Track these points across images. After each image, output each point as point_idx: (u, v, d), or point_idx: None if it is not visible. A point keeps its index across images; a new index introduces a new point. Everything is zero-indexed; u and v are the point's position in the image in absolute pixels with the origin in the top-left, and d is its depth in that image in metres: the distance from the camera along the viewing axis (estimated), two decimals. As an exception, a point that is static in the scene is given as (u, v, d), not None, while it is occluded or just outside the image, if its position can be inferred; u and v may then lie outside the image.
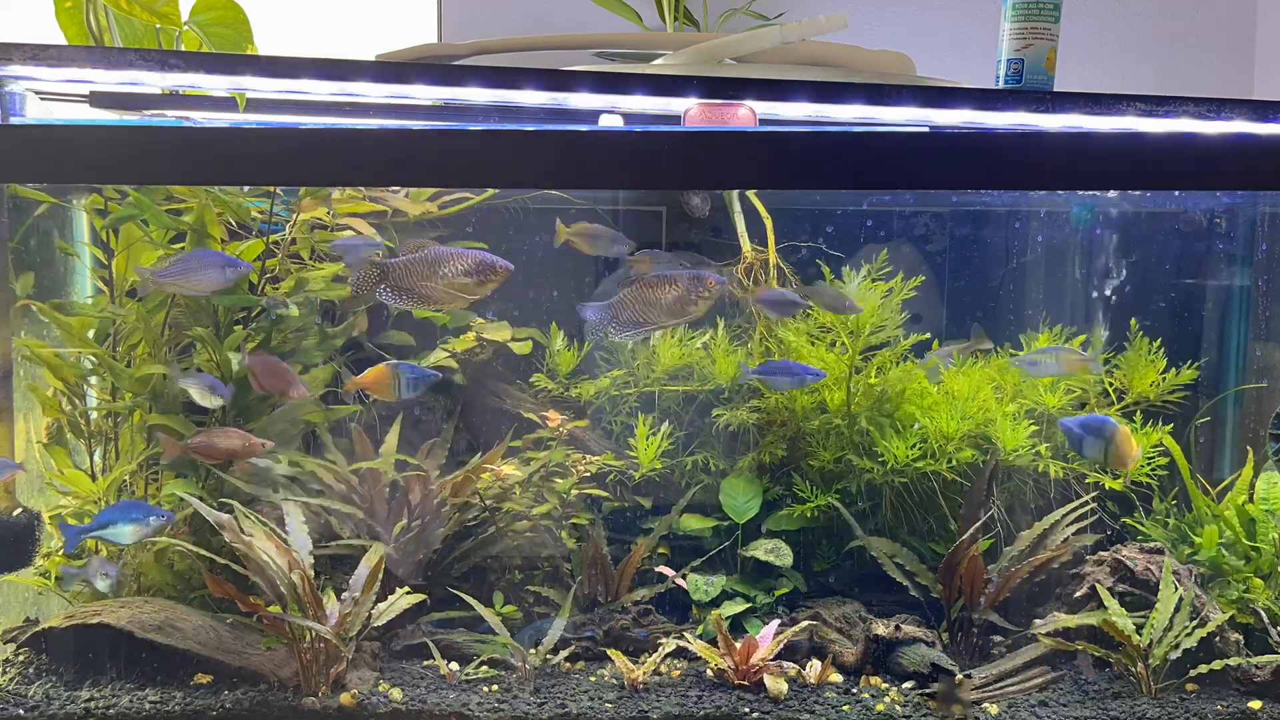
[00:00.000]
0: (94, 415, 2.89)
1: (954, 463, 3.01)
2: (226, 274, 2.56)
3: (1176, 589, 2.73)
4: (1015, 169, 2.13)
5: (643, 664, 2.69)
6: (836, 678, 2.73)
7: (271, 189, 2.86)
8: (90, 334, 2.86)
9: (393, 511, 2.92)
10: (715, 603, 2.93)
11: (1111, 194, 3.23)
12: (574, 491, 3.02)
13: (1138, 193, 3.21)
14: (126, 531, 2.53)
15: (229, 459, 2.70)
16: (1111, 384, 3.15)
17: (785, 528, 3.05)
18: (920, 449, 3.01)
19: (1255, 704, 2.61)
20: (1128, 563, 2.82)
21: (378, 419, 3.03)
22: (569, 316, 3.19)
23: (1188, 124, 2.29)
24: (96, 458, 2.87)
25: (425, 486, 2.92)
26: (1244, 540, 2.87)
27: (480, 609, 2.73)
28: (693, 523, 3.07)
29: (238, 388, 2.84)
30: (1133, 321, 3.16)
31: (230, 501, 2.68)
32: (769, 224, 3.17)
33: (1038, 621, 2.80)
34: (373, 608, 2.63)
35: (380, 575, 2.63)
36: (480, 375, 3.17)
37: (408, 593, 2.71)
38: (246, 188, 2.88)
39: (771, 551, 3.00)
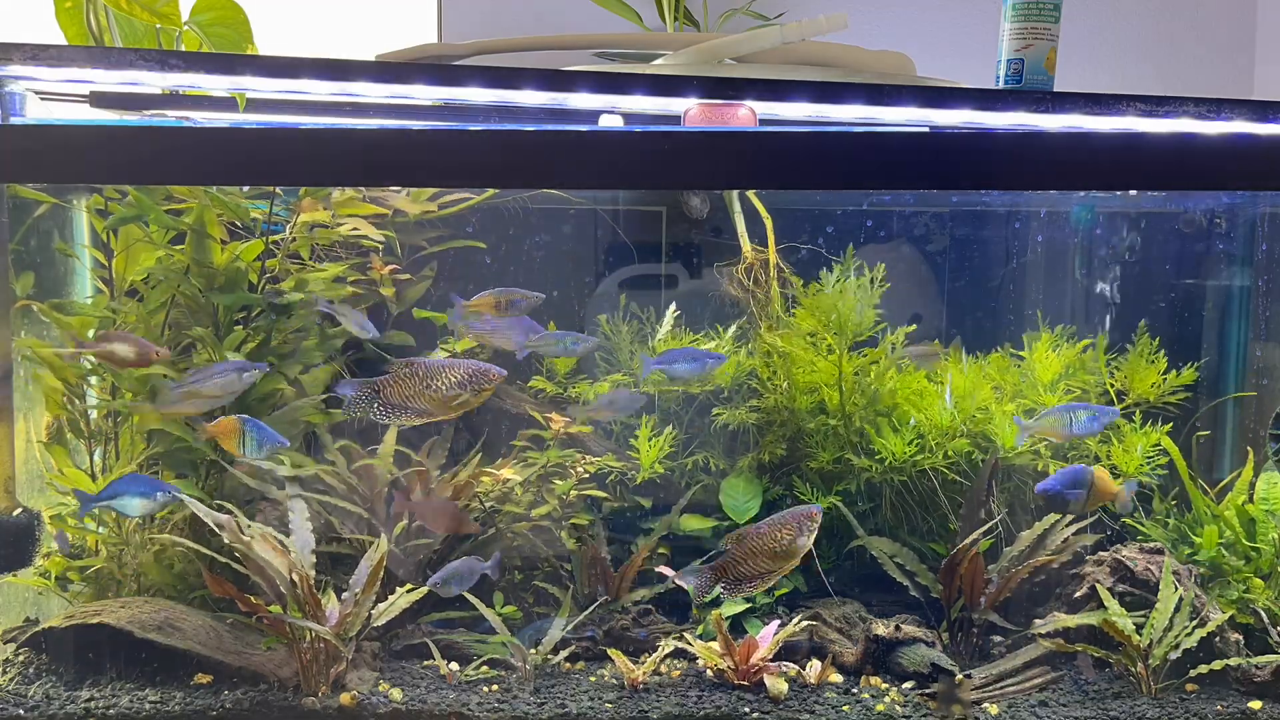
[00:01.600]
0: (94, 415, 2.89)
1: (950, 455, 3.00)
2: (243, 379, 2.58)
3: (1176, 589, 2.73)
4: (1015, 169, 2.13)
5: (643, 664, 2.69)
6: (836, 678, 2.73)
7: (271, 189, 2.86)
8: (90, 334, 2.85)
9: (393, 511, 2.91)
10: (715, 603, 2.92)
11: (1111, 194, 3.23)
12: (574, 493, 3.02)
13: (1138, 193, 3.21)
14: (135, 504, 2.53)
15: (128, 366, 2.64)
16: (1112, 385, 3.15)
17: (785, 528, 3.05)
18: (917, 444, 3.01)
19: (1255, 704, 2.61)
20: (1128, 563, 2.82)
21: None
22: (569, 317, 3.19)
23: (1188, 124, 2.29)
24: (96, 458, 2.87)
25: (426, 486, 2.92)
26: (1244, 540, 2.87)
27: (480, 607, 2.73)
28: (693, 523, 3.07)
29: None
30: (1141, 324, 3.16)
31: (225, 504, 2.68)
32: (769, 224, 3.17)
33: (1038, 622, 2.80)
34: (373, 607, 2.63)
35: (381, 574, 2.62)
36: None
37: (408, 592, 2.71)
38: (246, 188, 2.88)
39: (771, 551, 3.00)
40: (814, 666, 2.72)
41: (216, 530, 2.58)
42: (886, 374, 3.09)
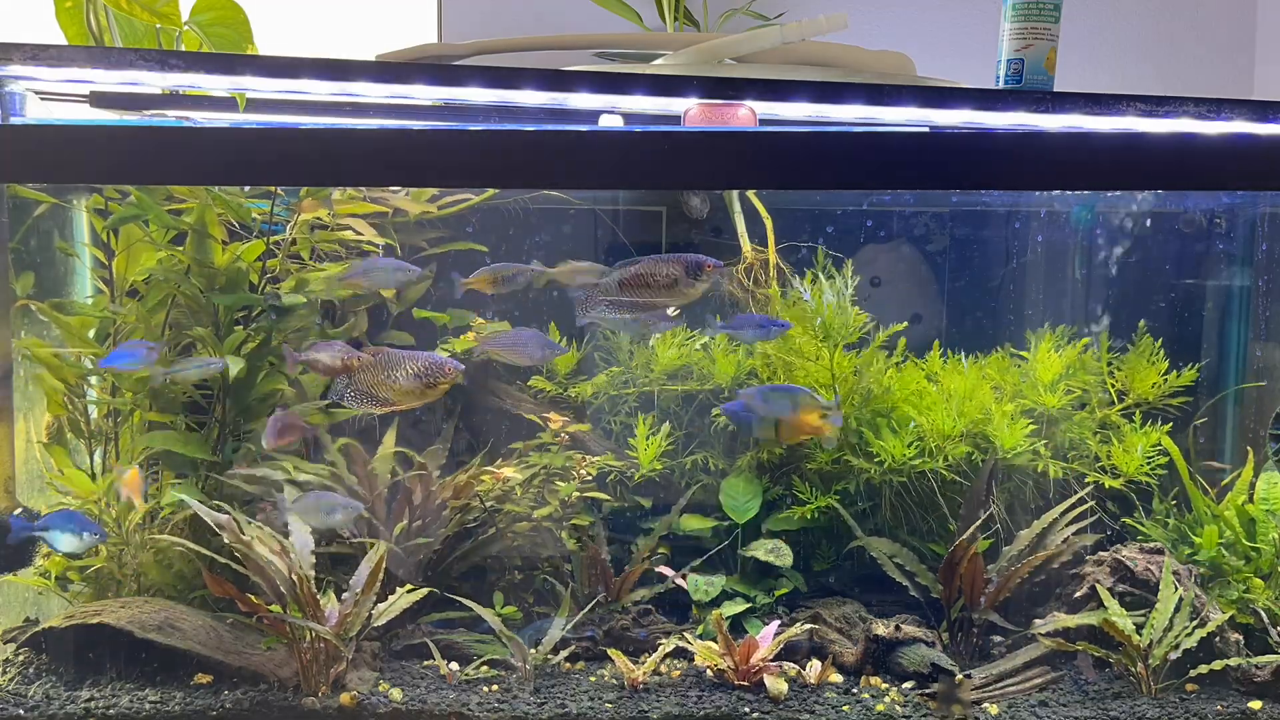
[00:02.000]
0: (94, 415, 2.89)
1: (950, 459, 3.01)
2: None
3: (1176, 589, 2.73)
4: (1015, 169, 2.13)
5: (643, 664, 2.69)
6: (836, 678, 2.73)
7: (272, 189, 2.86)
8: (90, 334, 2.86)
9: (393, 511, 2.92)
10: (715, 603, 2.93)
11: (1111, 194, 3.23)
12: (574, 494, 3.02)
13: (1138, 193, 3.21)
14: (63, 540, 2.55)
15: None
16: (1113, 385, 3.15)
17: (785, 528, 3.05)
18: (917, 447, 3.01)
19: (1255, 704, 2.61)
20: (1128, 563, 2.82)
21: (377, 420, 3.03)
22: (568, 317, 3.19)
23: (1188, 124, 2.29)
24: (96, 458, 2.87)
25: (427, 487, 2.92)
26: (1244, 540, 2.87)
27: (479, 610, 2.73)
28: (693, 523, 3.07)
29: (237, 388, 2.84)
30: (1141, 323, 3.16)
31: (223, 505, 2.68)
32: (769, 224, 3.17)
33: (1038, 621, 2.80)
34: (373, 608, 2.63)
35: (381, 575, 2.62)
36: (480, 375, 3.17)
37: (408, 592, 2.71)
38: (246, 188, 2.88)
39: (772, 552, 3.00)
40: (814, 666, 2.72)
41: (217, 530, 2.58)
42: (884, 374, 3.09)
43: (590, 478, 3.04)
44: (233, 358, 2.79)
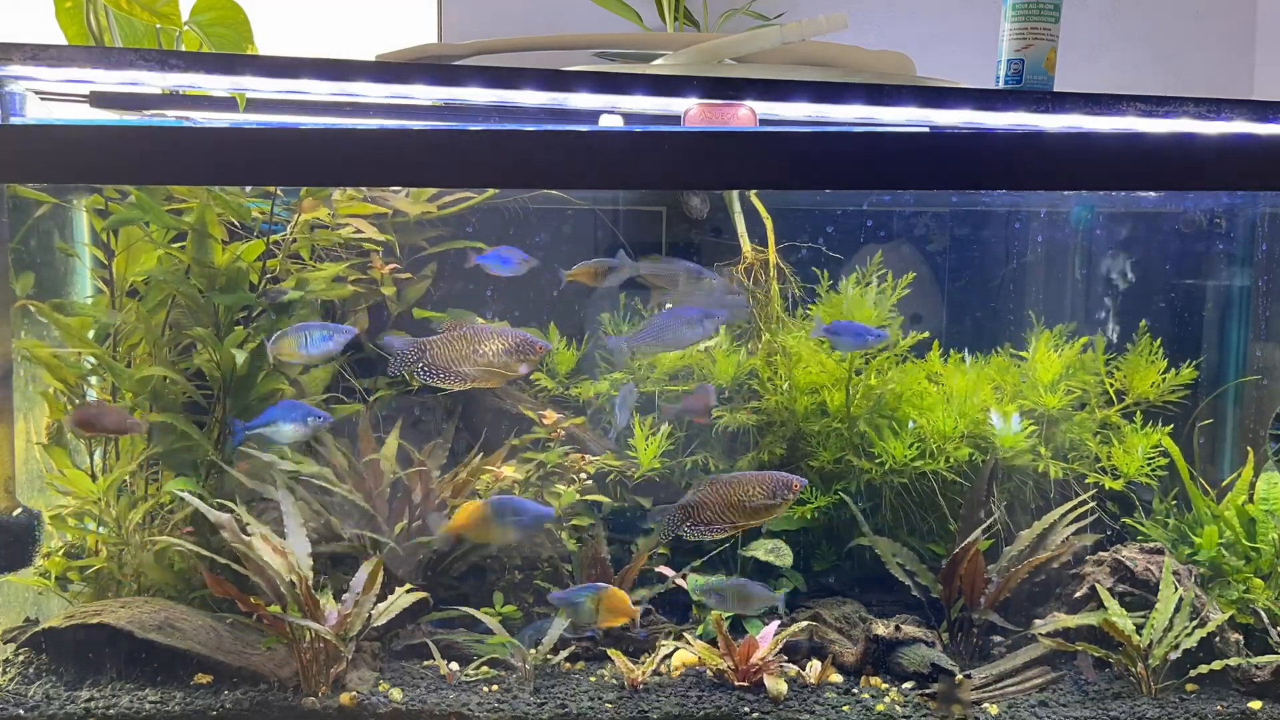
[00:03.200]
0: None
1: (951, 461, 3.01)
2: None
3: (1176, 589, 2.73)
4: (1015, 169, 2.12)
5: (643, 664, 2.69)
6: (836, 678, 2.73)
7: (272, 189, 2.86)
8: (90, 334, 2.86)
9: (394, 511, 2.92)
10: (715, 603, 2.92)
11: (1111, 194, 3.23)
12: (575, 498, 3.02)
13: (1138, 193, 3.21)
14: (288, 431, 2.56)
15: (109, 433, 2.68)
16: (1112, 384, 3.15)
17: (785, 528, 3.05)
18: (918, 448, 3.01)
19: (1255, 704, 2.61)
20: (1128, 563, 2.82)
21: (380, 419, 3.03)
22: (569, 316, 3.19)
23: (1188, 124, 2.29)
24: (96, 458, 2.87)
25: (427, 485, 2.92)
26: (1244, 540, 2.87)
27: (476, 613, 2.73)
28: (693, 523, 3.07)
29: (237, 387, 2.84)
30: (1142, 324, 3.16)
31: (227, 503, 2.68)
32: (769, 224, 3.17)
33: (1038, 622, 2.80)
34: (373, 608, 2.63)
35: (380, 575, 2.62)
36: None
37: (408, 591, 2.71)
38: (247, 188, 2.88)
39: (772, 552, 3.00)
40: (814, 666, 2.72)
41: (217, 530, 2.58)
42: (889, 375, 3.09)
43: (589, 476, 3.04)
44: (235, 350, 2.78)
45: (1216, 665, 2.63)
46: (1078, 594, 2.84)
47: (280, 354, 2.61)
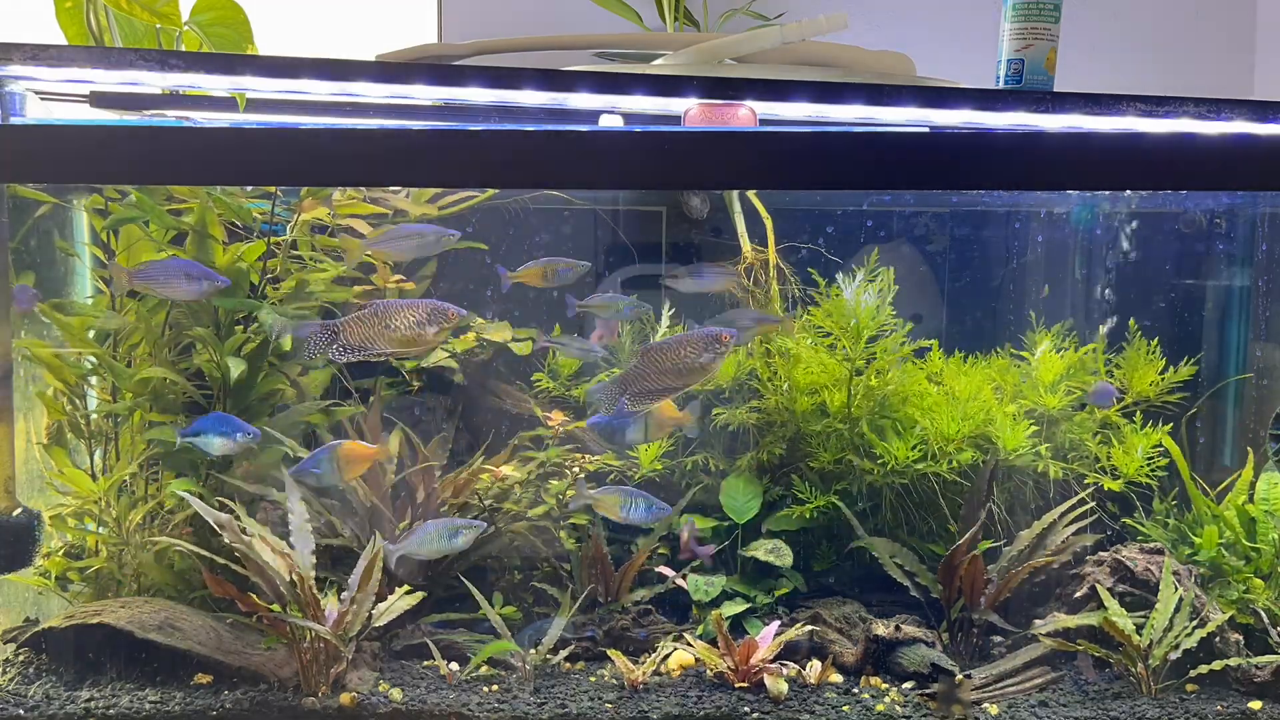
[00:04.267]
0: (94, 415, 2.89)
1: (954, 464, 3.01)
2: (201, 286, 2.57)
3: (1176, 589, 2.73)
4: (1015, 169, 2.13)
5: (643, 664, 2.69)
6: (836, 678, 2.73)
7: (272, 189, 2.86)
8: (90, 334, 2.86)
9: (395, 511, 2.92)
10: (715, 603, 2.93)
11: (1112, 194, 3.23)
12: (570, 492, 3.02)
13: (1138, 193, 3.21)
14: (215, 443, 2.55)
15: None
16: (1112, 384, 3.14)
17: (785, 528, 3.05)
18: (920, 450, 3.01)
19: (1255, 704, 2.61)
20: (1128, 563, 2.82)
21: (379, 420, 3.03)
22: (568, 317, 3.19)
23: (1188, 124, 2.29)
24: (96, 458, 2.87)
25: (429, 485, 2.92)
26: (1244, 540, 2.87)
27: (482, 603, 2.73)
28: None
29: (237, 389, 2.84)
30: (1131, 322, 3.16)
31: (227, 501, 2.68)
32: (769, 224, 3.17)
33: (1038, 622, 2.80)
34: (372, 607, 2.63)
35: (377, 571, 2.62)
36: (480, 375, 3.17)
37: (408, 592, 2.71)
38: (247, 188, 2.88)
39: (772, 552, 3.00)
40: (814, 667, 2.72)
41: (217, 530, 2.58)
42: (890, 375, 3.09)
43: (586, 475, 3.04)
44: (233, 359, 2.79)
45: (1216, 665, 2.63)
46: (1078, 594, 2.84)
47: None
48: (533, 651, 2.70)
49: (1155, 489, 3.07)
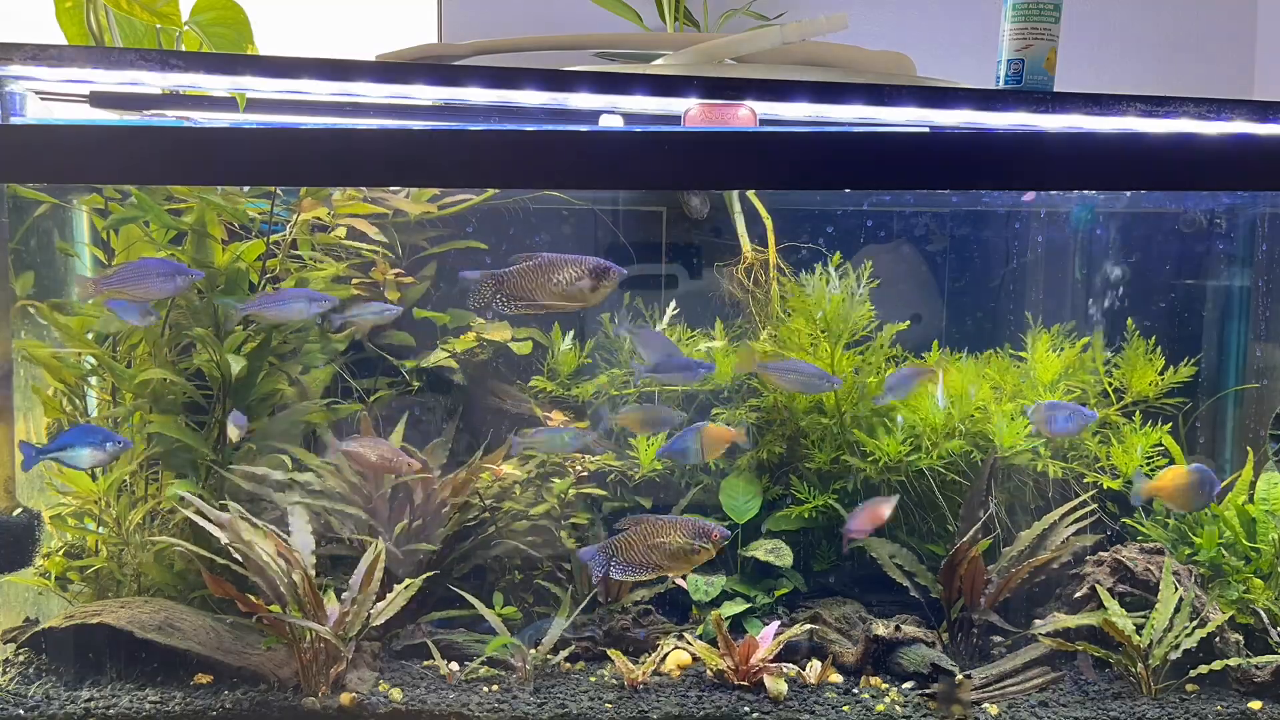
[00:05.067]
0: (94, 415, 2.89)
1: (945, 453, 3.00)
2: (176, 282, 2.56)
3: (1176, 589, 2.73)
4: (1015, 169, 2.12)
5: (643, 664, 2.69)
6: (836, 678, 2.73)
7: (271, 189, 2.86)
8: (90, 334, 2.85)
9: (394, 511, 2.92)
10: (715, 603, 2.93)
11: (1111, 194, 3.22)
12: (572, 492, 3.02)
13: (1138, 193, 3.21)
14: (84, 455, 2.53)
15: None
16: (1110, 383, 3.15)
17: (785, 528, 3.05)
18: (911, 443, 3.01)
19: (1255, 704, 2.61)
20: (1128, 563, 2.82)
21: (379, 419, 3.03)
22: (570, 317, 3.19)
23: (1188, 124, 2.29)
24: (96, 458, 2.87)
25: (428, 485, 2.92)
26: (1244, 540, 2.87)
27: (480, 607, 2.73)
28: (693, 523, 3.07)
29: (238, 389, 2.84)
30: (1129, 322, 3.16)
31: (229, 503, 2.68)
32: (769, 224, 3.17)
33: (1038, 622, 2.80)
34: (372, 607, 2.63)
35: (378, 572, 2.62)
36: (480, 375, 3.17)
37: (406, 587, 2.71)
38: (247, 188, 2.88)
39: (771, 552, 3.00)
40: (814, 667, 2.72)
41: (218, 530, 2.58)
42: (882, 373, 3.09)
43: (586, 474, 3.04)
44: (234, 357, 2.79)
45: (1216, 665, 2.63)
46: (1078, 594, 2.84)
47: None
48: (533, 651, 2.70)
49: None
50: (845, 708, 2.59)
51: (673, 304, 3.17)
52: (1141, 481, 2.74)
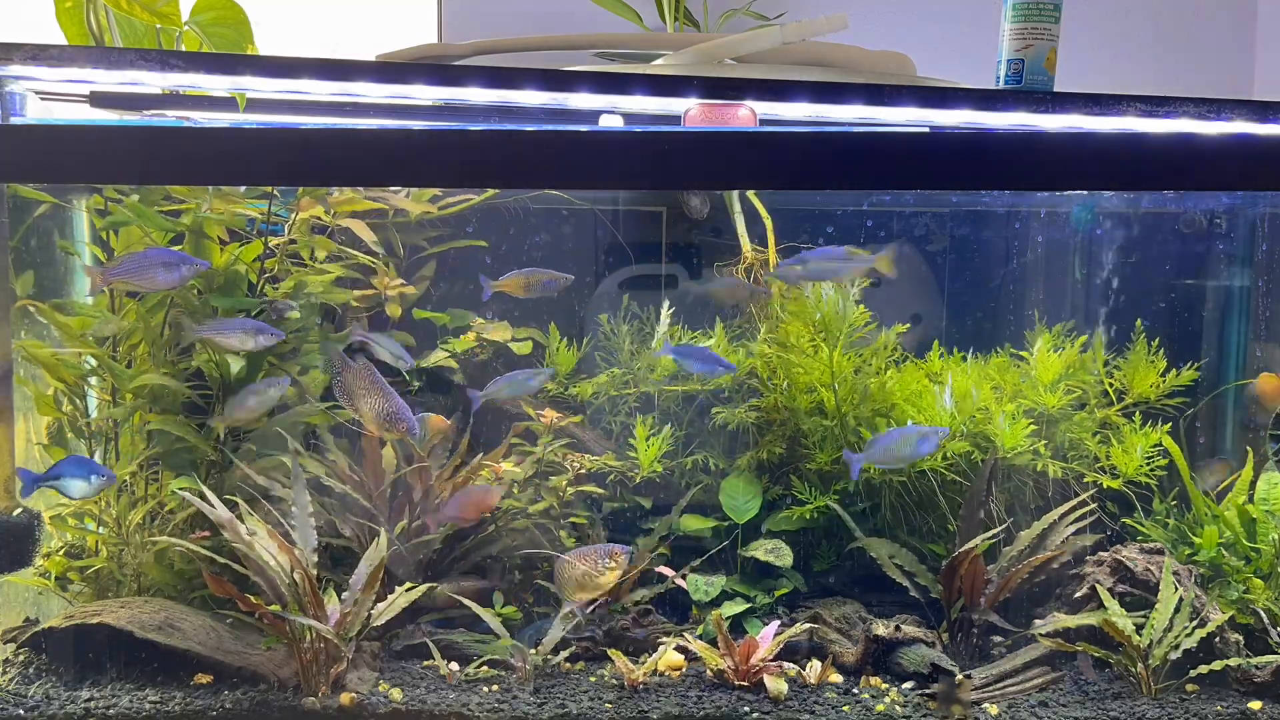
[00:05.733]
0: (94, 416, 2.88)
1: (949, 457, 3.00)
2: (181, 272, 2.57)
3: (1176, 589, 2.73)
4: (1015, 169, 2.13)
5: (642, 664, 2.69)
6: (836, 678, 2.73)
7: (270, 189, 2.86)
8: (89, 335, 2.85)
9: (394, 511, 2.92)
10: (715, 603, 2.93)
11: (1111, 194, 3.22)
12: (570, 490, 3.02)
13: (1138, 193, 3.21)
14: (75, 486, 2.56)
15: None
16: (1111, 384, 3.14)
17: (785, 528, 3.05)
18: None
19: (1255, 704, 2.61)
20: (1128, 563, 2.82)
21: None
22: (569, 317, 3.19)
23: (1188, 124, 2.29)
24: (96, 458, 2.87)
25: (427, 484, 2.92)
26: (1244, 541, 2.87)
27: (479, 610, 2.73)
28: (693, 523, 3.07)
29: (237, 388, 2.84)
30: (1138, 323, 3.16)
31: (234, 498, 2.68)
32: (769, 224, 3.17)
33: (1038, 622, 2.80)
34: (372, 607, 2.63)
35: (381, 574, 2.62)
36: (480, 375, 3.17)
37: (408, 589, 2.71)
38: (245, 188, 2.88)
39: (771, 552, 3.00)
40: (814, 667, 2.72)
41: (218, 529, 2.58)
42: (884, 373, 3.09)
43: (585, 473, 3.04)
44: (233, 357, 2.79)
45: (1216, 665, 2.63)
46: (1078, 594, 2.84)
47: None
48: (533, 651, 2.70)
49: (1155, 489, 3.07)
50: (845, 708, 2.59)
51: (666, 304, 3.17)
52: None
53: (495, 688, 2.64)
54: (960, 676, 2.63)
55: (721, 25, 3.40)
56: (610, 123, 2.73)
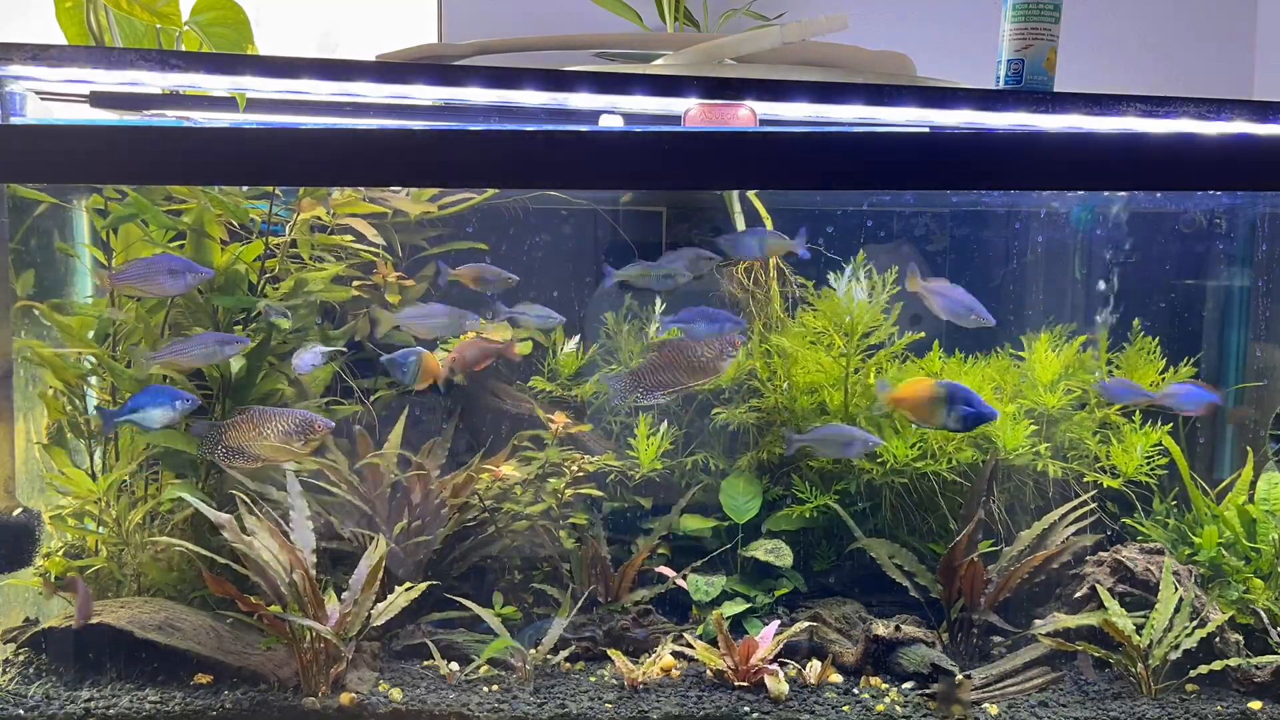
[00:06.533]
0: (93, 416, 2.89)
1: (954, 462, 3.00)
2: (187, 279, 2.58)
3: (1176, 589, 2.73)
4: (1015, 169, 2.12)
5: (642, 664, 2.69)
6: (836, 678, 2.73)
7: (271, 189, 2.86)
8: (90, 334, 2.85)
9: (393, 511, 2.92)
10: (715, 603, 2.93)
11: (1111, 194, 3.22)
12: (569, 491, 3.02)
13: (1138, 193, 3.21)
14: (156, 415, 2.56)
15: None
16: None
17: (785, 528, 3.05)
18: (920, 449, 3.01)
19: (1255, 704, 2.61)
20: (1128, 563, 2.82)
21: (377, 419, 3.03)
22: (570, 316, 3.19)
23: (1188, 124, 2.29)
24: (96, 458, 2.87)
25: (426, 485, 2.92)
26: (1244, 541, 2.87)
27: (479, 610, 2.73)
28: (693, 523, 3.07)
29: (237, 388, 2.84)
30: (1136, 323, 3.16)
31: (236, 493, 2.68)
32: (769, 224, 3.17)
33: (1038, 622, 2.80)
34: (372, 607, 2.63)
35: (381, 574, 2.62)
36: (480, 375, 3.17)
37: (407, 589, 2.71)
38: (246, 188, 2.88)
39: (771, 552, 3.00)
40: (814, 667, 2.72)
41: (217, 529, 2.58)
42: (884, 373, 3.09)
43: (585, 474, 3.04)
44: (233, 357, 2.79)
45: (1216, 665, 2.63)
46: (1078, 594, 2.84)
47: None
48: (533, 651, 2.70)
49: (1155, 489, 3.07)
50: (845, 708, 2.59)
51: (659, 303, 3.17)
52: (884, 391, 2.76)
53: (495, 688, 2.64)
54: (960, 676, 2.63)
55: (721, 25, 3.40)
56: (610, 123, 2.72)
